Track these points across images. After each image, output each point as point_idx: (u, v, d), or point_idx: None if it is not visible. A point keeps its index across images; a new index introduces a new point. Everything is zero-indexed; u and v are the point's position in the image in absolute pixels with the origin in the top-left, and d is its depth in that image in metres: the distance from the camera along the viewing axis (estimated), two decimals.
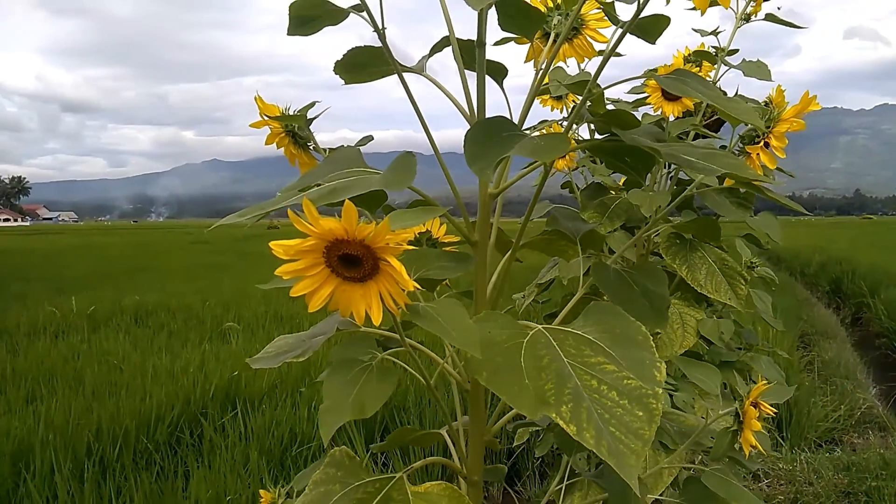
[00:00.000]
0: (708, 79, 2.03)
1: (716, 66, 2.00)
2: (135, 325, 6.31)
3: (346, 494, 0.74)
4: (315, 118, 1.00)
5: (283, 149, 0.98)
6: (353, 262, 0.60)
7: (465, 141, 0.67)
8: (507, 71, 0.95)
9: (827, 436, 4.26)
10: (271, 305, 6.90)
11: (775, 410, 0.79)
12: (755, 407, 0.78)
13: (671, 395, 1.81)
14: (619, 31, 0.75)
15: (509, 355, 0.68)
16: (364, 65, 0.94)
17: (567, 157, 2.01)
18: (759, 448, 0.75)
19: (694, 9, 0.83)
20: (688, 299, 1.93)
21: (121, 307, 7.17)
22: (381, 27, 0.80)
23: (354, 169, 0.79)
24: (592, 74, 0.88)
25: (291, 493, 1.19)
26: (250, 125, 0.99)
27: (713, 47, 1.99)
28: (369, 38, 0.87)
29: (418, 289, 0.85)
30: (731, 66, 1.92)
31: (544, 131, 1.43)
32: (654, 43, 0.76)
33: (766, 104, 2.05)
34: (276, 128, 0.97)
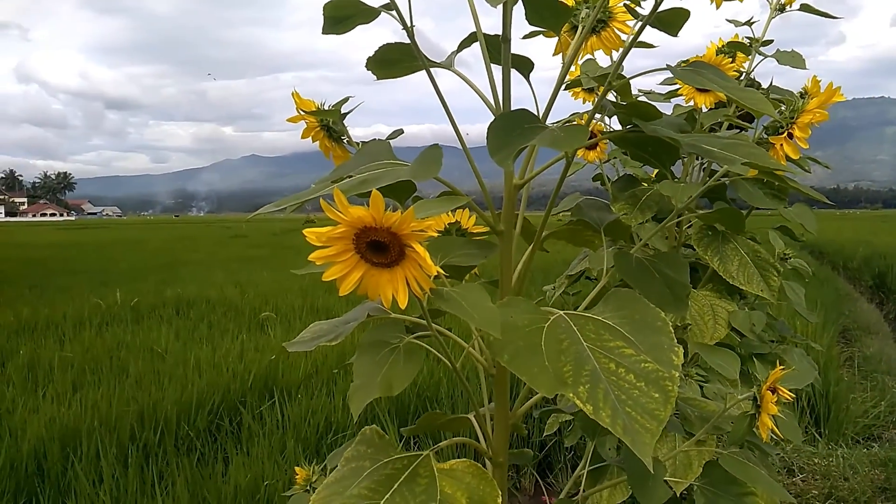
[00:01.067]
0: (742, 69, 2.02)
1: (750, 56, 1.99)
2: (176, 317, 6.47)
3: (375, 470, 0.78)
4: (349, 113, 1.04)
5: (318, 143, 1.02)
6: (380, 248, 0.63)
7: (487, 132, 0.70)
8: (532, 65, 0.98)
9: (866, 432, 4.18)
10: (307, 298, 7.02)
11: (793, 395, 0.80)
12: (773, 392, 0.79)
13: (701, 387, 1.82)
14: (640, 24, 0.77)
15: (530, 338, 0.71)
16: (395, 61, 0.98)
17: (598, 149, 2.02)
18: (776, 433, 0.76)
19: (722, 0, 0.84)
20: (720, 291, 1.93)
21: (163, 299, 7.36)
22: (409, 25, 0.83)
23: (384, 161, 0.82)
24: (621, 66, 0.90)
25: (326, 472, 1.23)
26: (287, 120, 1.03)
27: (747, 38, 1.98)
28: (402, 34, 0.90)
29: (446, 276, 0.89)
30: (765, 56, 1.91)
31: (575, 123, 1.45)
32: (676, 35, 0.78)
33: (802, 95, 2.03)
34: (312, 122, 1.01)
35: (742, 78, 1.98)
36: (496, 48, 0.91)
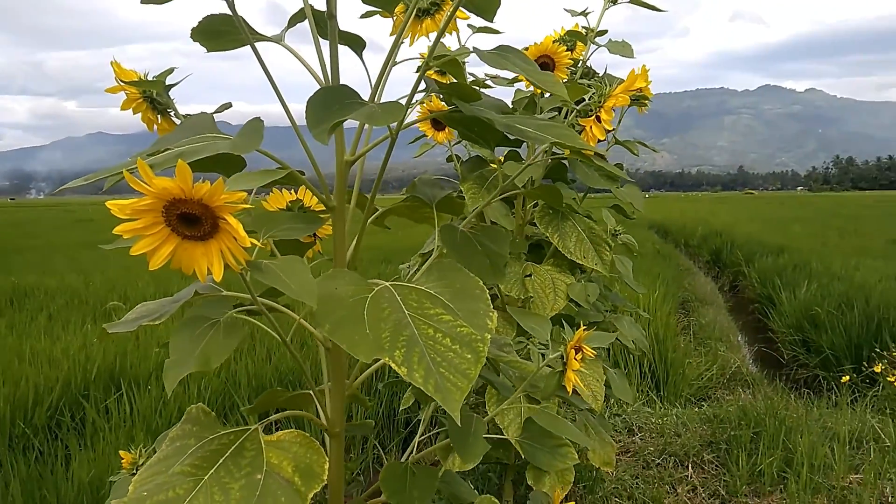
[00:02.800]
0: (581, 57, 2.14)
1: (587, 45, 2.11)
2: (10, 308, 5.94)
3: (201, 447, 0.77)
4: (175, 84, 1.01)
5: (140, 115, 0.98)
6: (192, 221, 0.62)
7: (306, 107, 0.70)
8: (364, 43, 0.99)
9: (700, 393, 4.61)
10: (161, 285, 6.66)
11: (595, 352, 0.88)
12: (578, 351, 0.87)
13: (543, 355, 1.93)
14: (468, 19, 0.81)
15: (353, 308, 0.73)
16: (224, 32, 0.95)
17: (447, 130, 2.07)
18: (580, 386, 0.83)
19: None
20: (560, 266, 2.05)
21: None
22: None
23: (206, 135, 0.81)
24: (460, 48, 0.93)
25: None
26: (106, 90, 0.98)
27: (584, 28, 2.09)
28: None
29: (270, 250, 0.88)
30: (599, 46, 2.03)
31: (425, 104, 1.48)
32: (491, 20, 0.82)
33: (610, 81, 2.17)
34: (133, 93, 0.97)
35: (579, 66, 2.10)
36: (325, 25, 0.91)
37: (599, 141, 2.35)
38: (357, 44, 0.99)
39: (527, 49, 1.84)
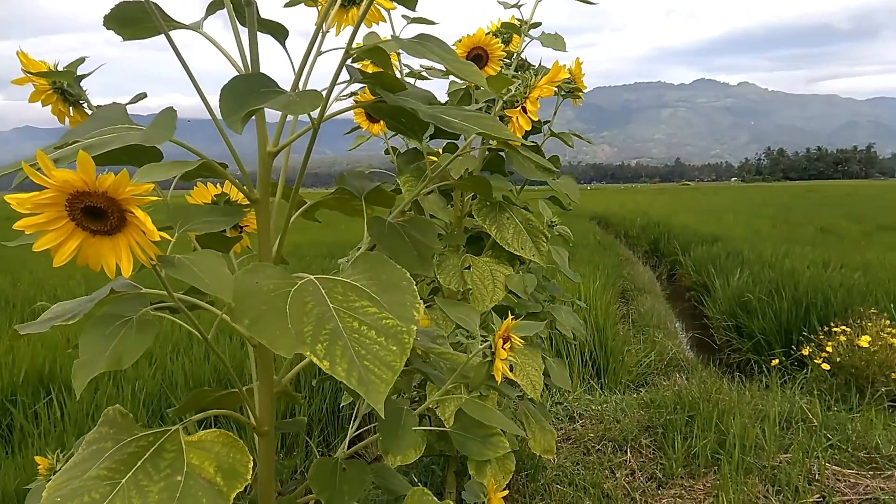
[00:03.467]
0: (516, 50, 2.15)
1: (521, 37, 2.12)
2: None
3: (118, 449, 0.74)
4: (87, 75, 0.97)
5: (50, 107, 0.94)
6: (98, 215, 0.60)
7: (220, 95, 0.68)
8: (286, 31, 0.97)
9: (639, 380, 4.72)
10: (93, 283, 6.43)
11: (523, 341, 0.89)
12: (507, 341, 0.87)
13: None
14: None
15: (274, 303, 0.71)
16: (138, 20, 0.92)
17: (381, 122, 2.05)
18: (509, 375, 0.84)
19: None
20: (499, 257, 2.06)
21: None
22: None
23: (118, 126, 0.77)
24: (380, 38, 0.91)
25: None
26: (12, 82, 0.93)
27: (519, 20, 2.10)
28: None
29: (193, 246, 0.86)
30: (532, 38, 2.04)
31: (359, 95, 1.46)
32: (413, 8, 0.81)
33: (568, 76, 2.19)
34: (42, 85, 0.93)
35: (514, 59, 2.11)
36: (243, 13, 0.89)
37: (533, 133, 2.37)
38: (279, 32, 0.96)
39: (460, 41, 1.84)
